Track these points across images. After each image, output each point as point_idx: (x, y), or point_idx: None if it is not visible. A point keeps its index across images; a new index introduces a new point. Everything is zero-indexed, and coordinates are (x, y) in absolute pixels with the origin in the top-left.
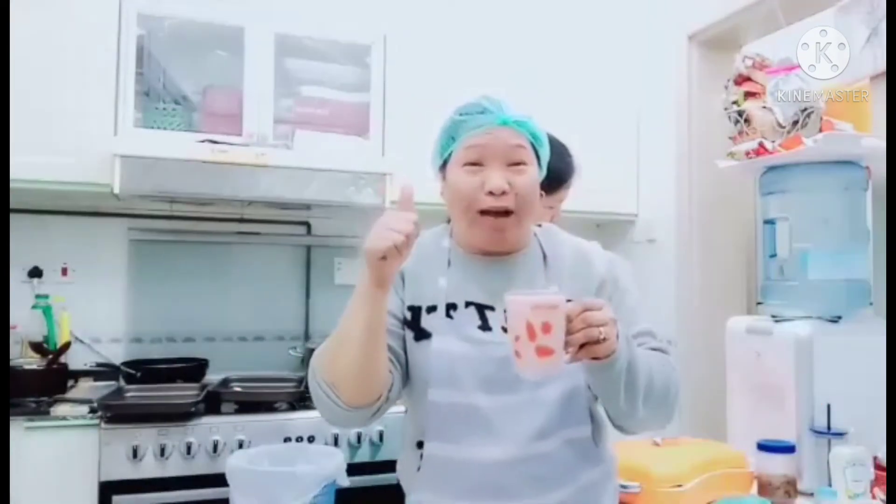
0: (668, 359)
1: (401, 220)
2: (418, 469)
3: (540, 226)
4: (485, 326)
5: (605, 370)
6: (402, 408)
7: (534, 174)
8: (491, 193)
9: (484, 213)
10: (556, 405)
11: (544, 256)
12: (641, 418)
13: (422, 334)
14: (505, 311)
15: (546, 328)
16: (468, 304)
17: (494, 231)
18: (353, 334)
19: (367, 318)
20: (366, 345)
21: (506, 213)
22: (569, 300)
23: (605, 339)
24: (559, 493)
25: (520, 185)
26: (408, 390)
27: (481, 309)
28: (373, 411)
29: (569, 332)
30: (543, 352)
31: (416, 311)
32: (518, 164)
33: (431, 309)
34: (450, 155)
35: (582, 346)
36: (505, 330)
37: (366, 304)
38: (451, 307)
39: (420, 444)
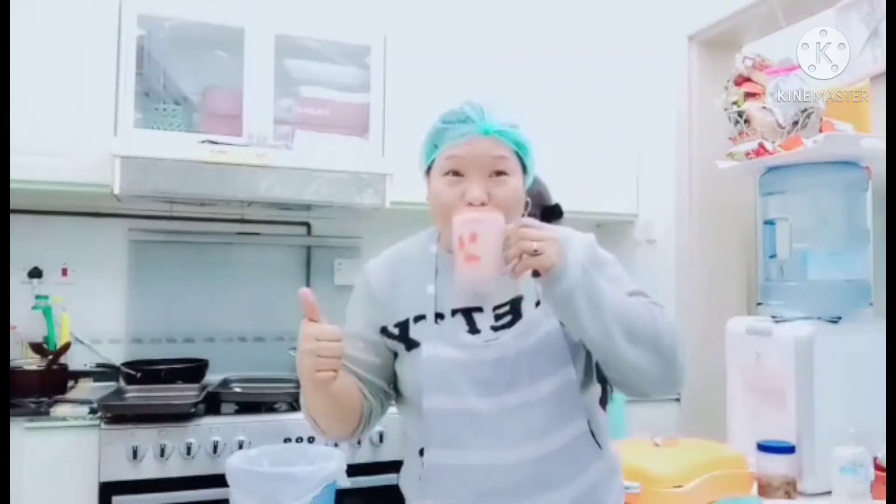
0: (659, 308)
1: (331, 347)
2: (420, 477)
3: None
4: (473, 330)
5: (552, 286)
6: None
7: (516, 184)
8: (470, 205)
9: None
10: (552, 401)
11: None
12: (635, 363)
13: (412, 344)
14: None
15: (472, 238)
16: (455, 312)
17: None
18: (313, 405)
19: (321, 400)
20: (327, 410)
21: None
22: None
23: (539, 253)
24: (566, 491)
25: (500, 196)
26: (404, 401)
27: (468, 313)
28: (355, 436)
29: (508, 248)
30: (470, 258)
31: (403, 324)
32: (500, 173)
33: (419, 318)
34: (433, 162)
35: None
36: (493, 329)
37: (316, 396)
38: (438, 316)
39: (422, 452)
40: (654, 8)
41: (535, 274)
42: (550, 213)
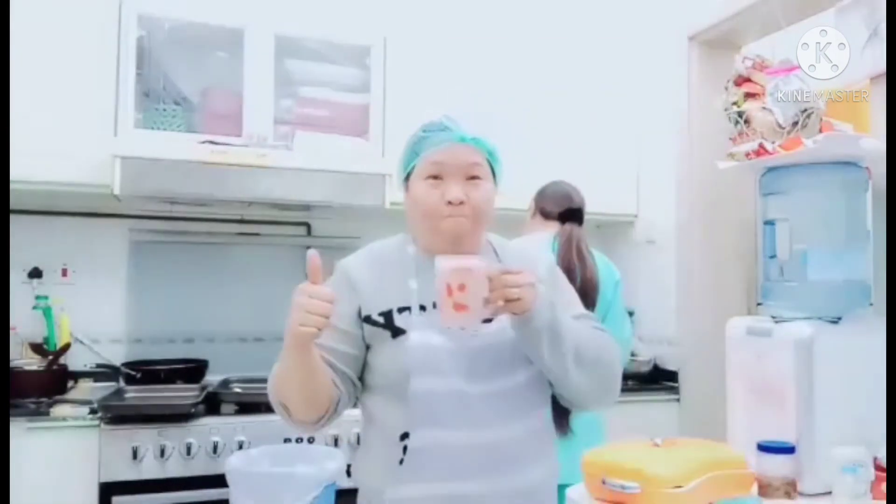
0: (605, 335)
1: (320, 305)
2: (401, 462)
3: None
4: None
5: (524, 325)
6: None
7: (488, 188)
8: (450, 203)
9: (444, 219)
10: (526, 390)
11: (497, 259)
12: (577, 384)
13: (397, 331)
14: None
15: (461, 287)
16: (437, 304)
17: (453, 235)
18: (289, 376)
19: (298, 367)
20: (302, 383)
21: (463, 219)
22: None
23: (518, 299)
24: (533, 470)
25: (475, 198)
26: (382, 390)
27: None
28: (321, 423)
29: (490, 291)
30: (459, 307)
31: (387, 314)
32: (474, 178)
33: (403, 309)
34: (413, 168)
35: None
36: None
37: (296, 359)
38: (421, 308)
39: (403, 437)
40: (655, 8)
41: (513, 314)
42: (571, 216)
